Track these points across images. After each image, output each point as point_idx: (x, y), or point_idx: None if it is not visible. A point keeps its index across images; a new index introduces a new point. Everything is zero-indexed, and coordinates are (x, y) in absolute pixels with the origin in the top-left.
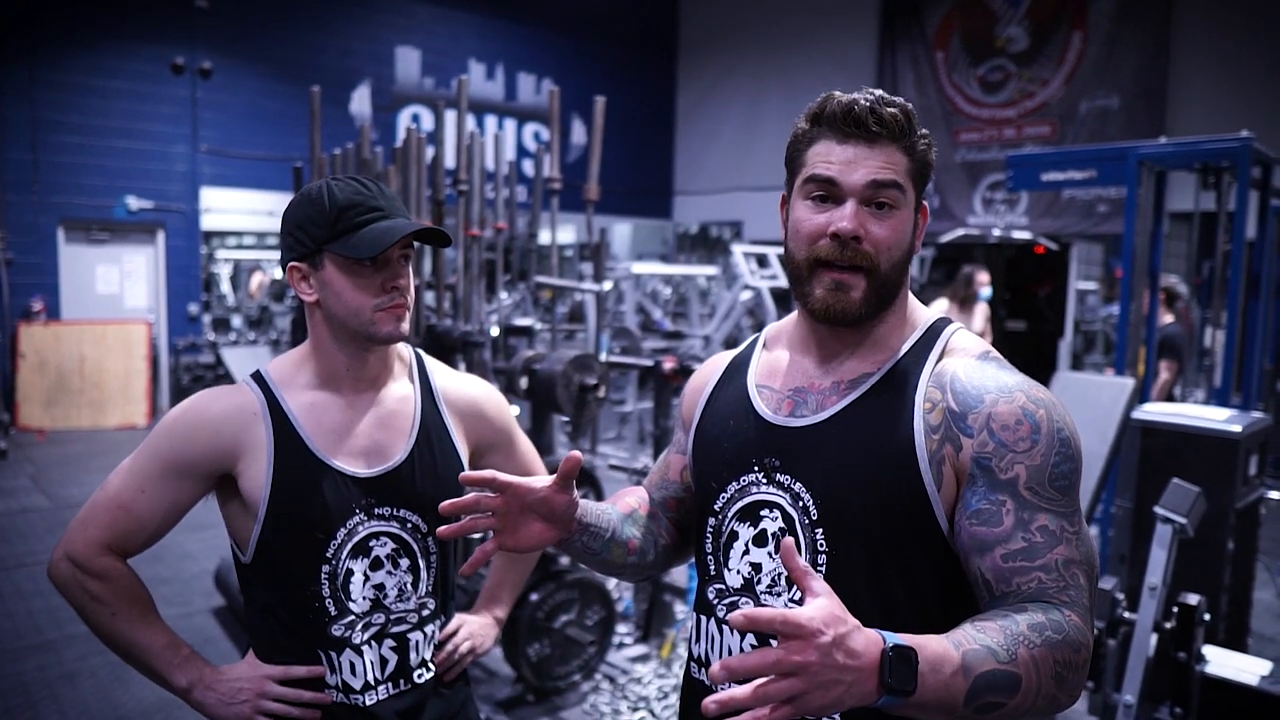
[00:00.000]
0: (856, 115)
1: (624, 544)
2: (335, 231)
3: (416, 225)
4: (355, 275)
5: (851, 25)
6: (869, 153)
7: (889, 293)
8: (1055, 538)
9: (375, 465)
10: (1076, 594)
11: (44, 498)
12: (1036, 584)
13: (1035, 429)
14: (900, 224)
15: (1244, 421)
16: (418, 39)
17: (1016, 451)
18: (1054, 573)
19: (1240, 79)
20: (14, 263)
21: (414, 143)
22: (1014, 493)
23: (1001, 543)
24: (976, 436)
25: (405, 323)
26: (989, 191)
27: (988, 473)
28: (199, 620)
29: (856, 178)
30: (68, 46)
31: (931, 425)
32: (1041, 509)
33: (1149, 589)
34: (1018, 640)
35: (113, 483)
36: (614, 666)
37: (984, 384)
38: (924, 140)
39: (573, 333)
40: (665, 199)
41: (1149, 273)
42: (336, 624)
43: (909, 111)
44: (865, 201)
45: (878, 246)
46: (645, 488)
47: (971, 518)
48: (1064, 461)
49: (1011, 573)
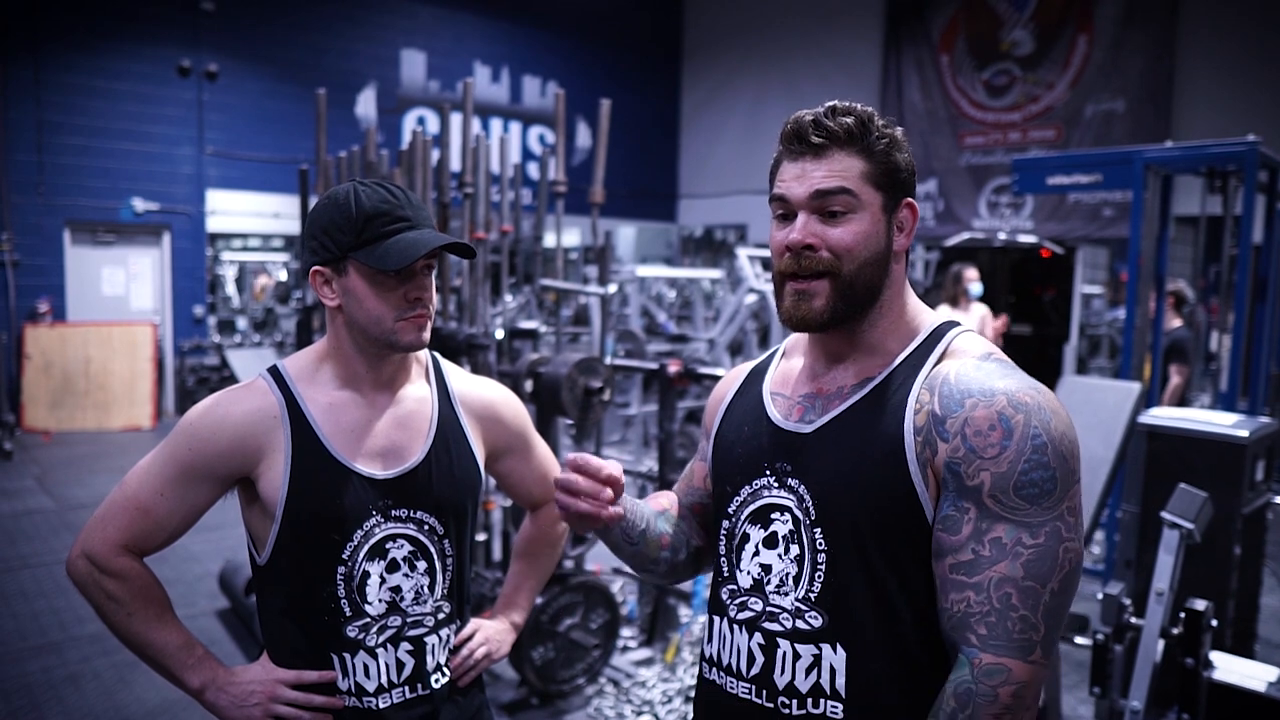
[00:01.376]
0: (799, 130)
1: (657, 538)
2: (361, 240)
3: (443, 239)
4: (379, 285)
5: (856, 28)
6: (816, 164)
7: (859, 295)
8: (1003, 551)
9: (392, 467)
10: (996, 620)
11: (49, 499)
12: (964, 606)
13: (1007, 434)
14: (859, 227)
15: (1251, 426)
16: (423, 42)
17: (984, 458)
18: (983, 593)
19: (1246, 83)
20: (20, 264)
21: (419, 145)
22: (978, 500)
23: (953, 552)
24: (950, 441)
25: (426, 332)
26: (994, 195)
27: (957, 478)
28: (203, 622)
29: (800, 190)
30: (73, 49)
31: (917, 427)
32: (1002, 519)
33: (1156, 594)
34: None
35: (130, 483)
36: (618, 670)
37: (969, 387)
38: (883, 141)
39: (577, 335)
40: (670, 202)
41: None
42: (351, 626)
43: (865, 116)
44: (815, 211)
45: (836, 251)
46: (675, 493)
47: (940, 523)
48: (1035, 469)
49: (950, 586)
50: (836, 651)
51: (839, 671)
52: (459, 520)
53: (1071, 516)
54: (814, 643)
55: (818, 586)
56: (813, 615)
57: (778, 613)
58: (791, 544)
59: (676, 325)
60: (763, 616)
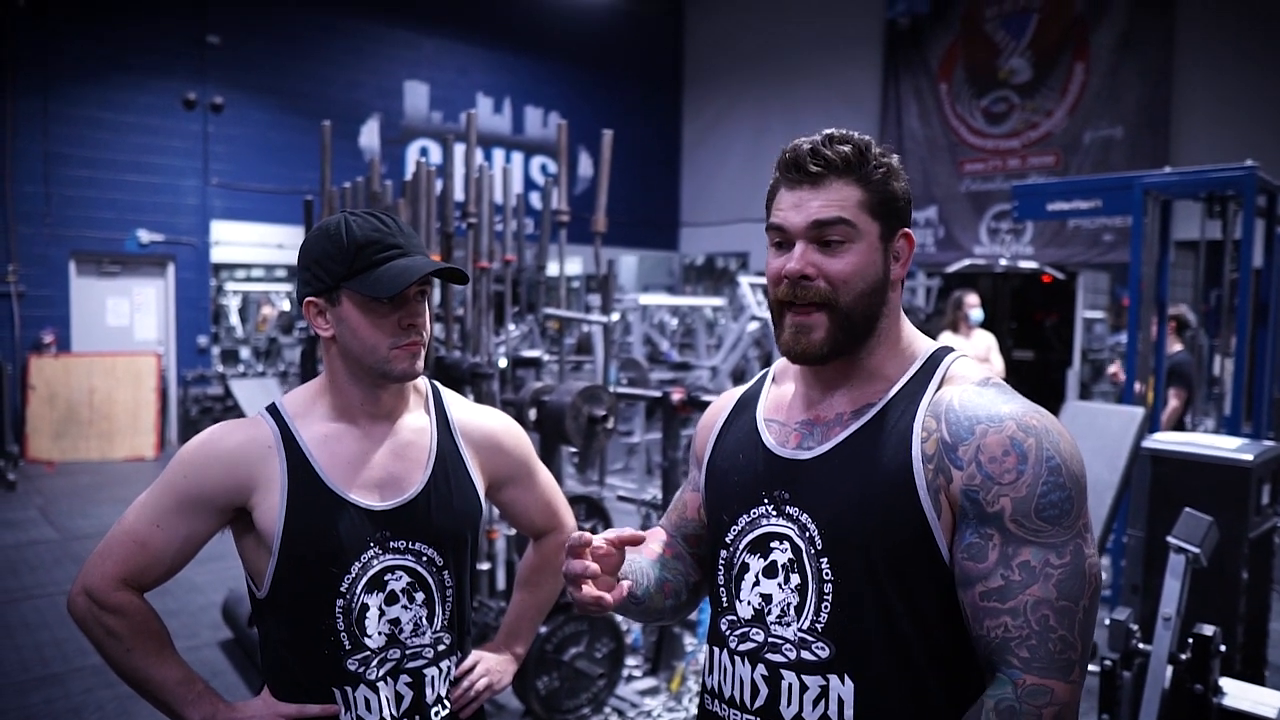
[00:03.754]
0: (796, 159)
1: (660, 589)
2: (353, 269)
3: (435, 264)
4: (372, 313)
5: (855, 57)
6: (813, 194)
7: (858, 326)
8: (1033, 575)
9: (390, 498)
10: (1037, 643)
11: (52, 529)
12: (1002, 631)
13: (1022, 459)
14: (857, 257)
15: (1256, 450)
16: (426, 73)
17: (1002, 484)
18: (1020, 617)
19: (1243, 108)
20: (25, 295)
21: (423, 176)
22: (1000, 526)
23: (982, 579)
24: (965, 469)
25: (420, 361)
26: (994, 221)
27: (976, 505)
28: (206, 653)
29: (798, 220)
30: (81, 81)
31: (927, 455)
32: (1027, 542)
33: (1163, 620)
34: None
35: (129, 517)
36: (623, 700)
37: (976, 414)
38: (880, 170)
39: (580, 364)
40: (671, 231)
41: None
42: (351, 659)
43: (862, 145)
44: (813, 241)
45: (833, 281)
46: (664, 528)
47: (963, 551)
48: (1053, 490)
49: (984, 613)
50: (845, 682)
51: (847, 703)
52: (458, 551)
53: (1088, 533)
54: (821, 674)
55: (824, 617)
56: (819, 646)
57: (780, 644)
58: (792, 573)
59: (679, 353)
60: (765, 648)
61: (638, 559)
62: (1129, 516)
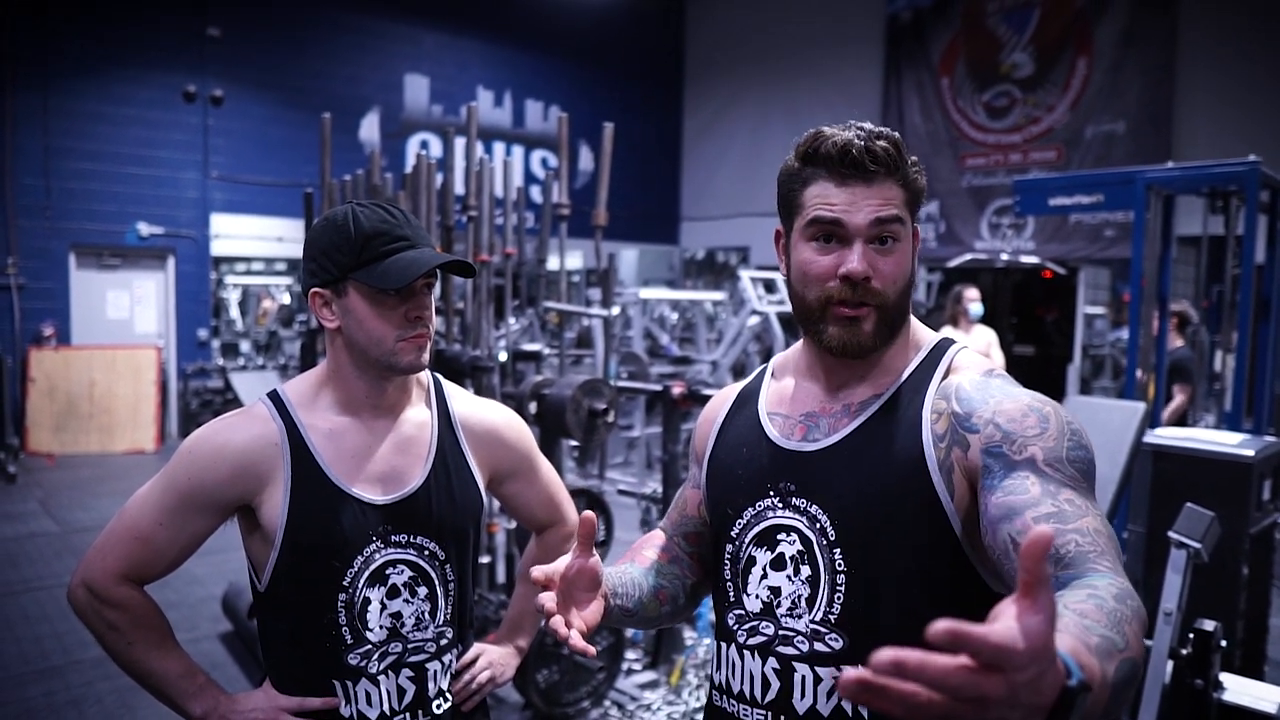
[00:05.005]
0: (854, 157)
1: (655, 597)
2: (361, 260)
3: (443, 257)
4: (379, 304)
5: (856, 51)
6: (868, 191)
7: (896, 322)
8: (1081, 510)
9: (392, 492)
10: (1113, 561)
11: (52, 522)
12: (1074, 546)
13: (1044, 419)
14: (903, 256)
15: (1257, 446)
16: (426, 67)
17: (1028, 435)
18: (1089, 536)
19: (1246, 103)
20: (25, 288)
21: (423, 169)
22: (1034, 468)
23: (1031, 507)
24: (983, 431)
25: (426, 353)
26: (995, 216)
27: (1001, 458)
28: (206, 646)
29: (861, 218)
30: (81, 75)
31: (938, 434)
32: (1065, 485)
33: (1164, 615)
34: (1121, 621)
35: (130, 512)
36: (623, 693)
37: (989, 390)
38: (915, 168)
39: (580, 358)
40: (672, 224)
41: (1157, 297)
42: (353, 653)
43: (898, 142)
44: (870, 240)
45: (885, 281)
46: (664, 529)
47: (998, 491)
48: (1078, 448)
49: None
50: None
51: None
52: (460, 545)
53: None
54: (835, 665)
55: (837, 608)
56: (833, 637)
57: (792, 636)
58: (802, 565)
59: (679, 347)
60: (776, 640)
61: (630, 569)
62: (1130, 512)
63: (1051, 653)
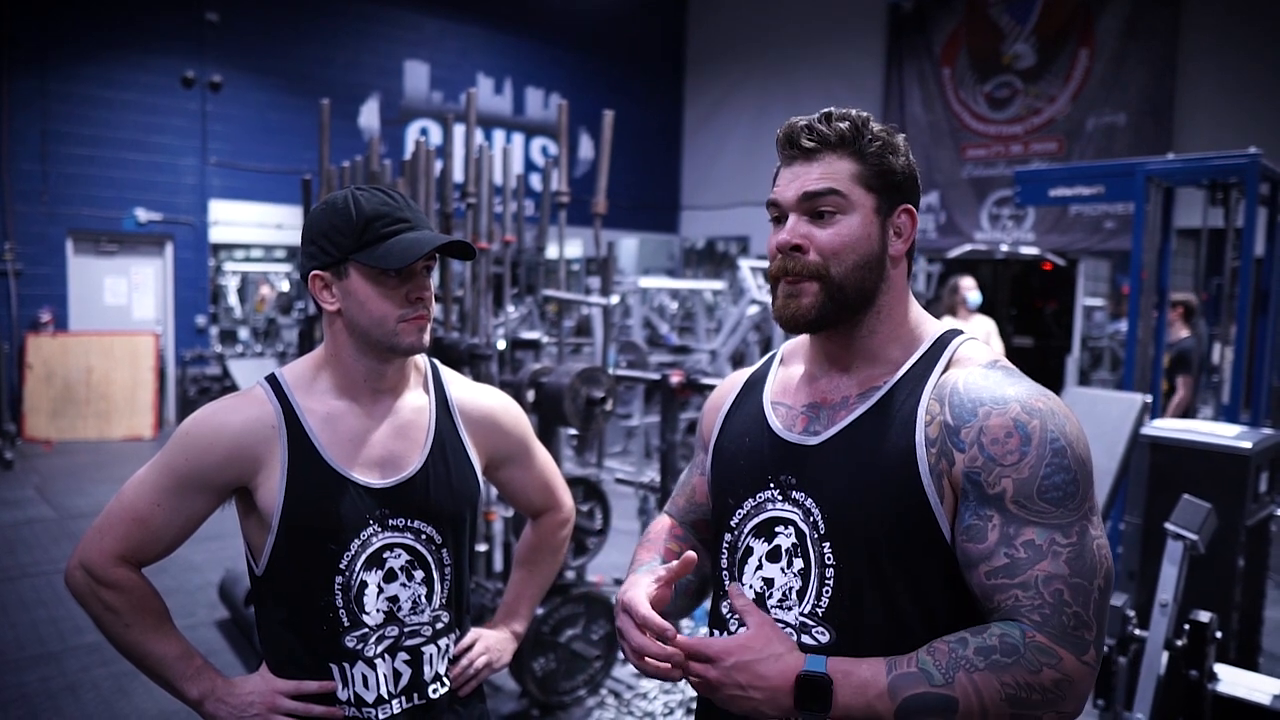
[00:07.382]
0: (791, 136)
1: (684, 592)
2: (362, 241)
3: (444, 238)
4: (380, 285)
5: (858, 41)
6: (806, 168)
7: (850, 298)
8: (1040, 553)
9: (390, 476)
10: (1051, 612)
11: (49, 508)
12: (1013, 601)
13: (1025, 440)
14: (846, 229)
15: (1254, 438)
16: (426, 53)
17: (1004, 465)
18: (1031, 589)
19: (1247, 95)
20: (22, 274)
21: (422, 156)
22: (1001, 507)
23: (985, 559)
24: (968, 451)
25: (427, 334)
26: (996, 207)
27: (977, 487)
28: (203, 632)
29: (790, 192)
30: (79, 59)
31: (930, 439)
32: (1029, 523)
33: (1160, 606)
34: (958, 664)
35: (127, 494)
36: (619, 681)
37: (980, 396)
38: (876, 143)
39: (579, 346)
40: (672, 213)
41: (1157, 289)
42: (349, 636)
43: (859, 121)
44: (805, 213)
45: (823, 253)
46: (672, 515)
47: (963, 534)
48: (1056, 472)
49: (993, 590)
50: None
51: None
52: (457, 529)
53: (1095, 515)
54: None
55: (825, 602)
56: (819, 631)
57: (781, 627)
58: (795, 558)
59: (678, 336)
60: None
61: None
62: (1127, 503)
63: (750, 646)
